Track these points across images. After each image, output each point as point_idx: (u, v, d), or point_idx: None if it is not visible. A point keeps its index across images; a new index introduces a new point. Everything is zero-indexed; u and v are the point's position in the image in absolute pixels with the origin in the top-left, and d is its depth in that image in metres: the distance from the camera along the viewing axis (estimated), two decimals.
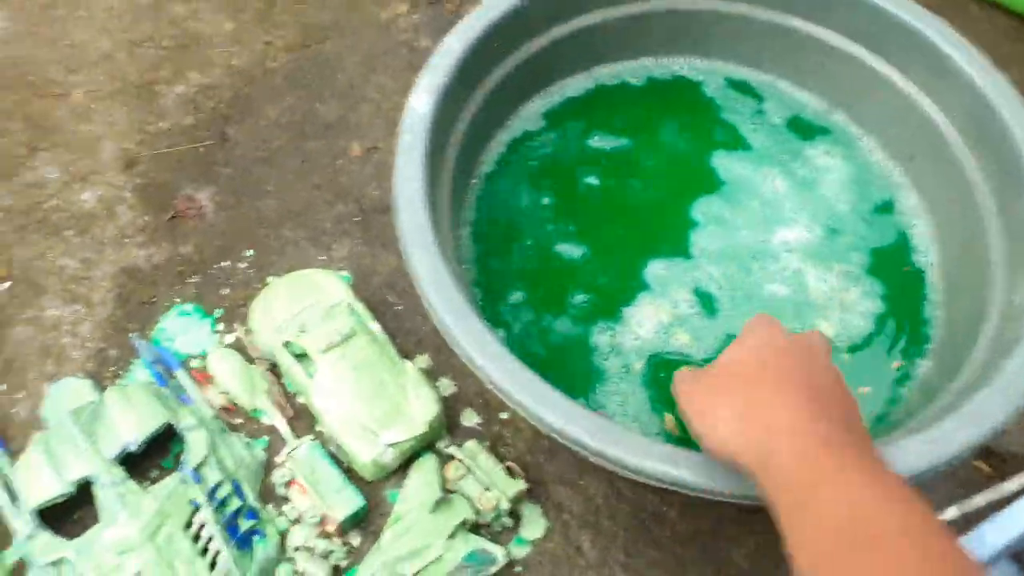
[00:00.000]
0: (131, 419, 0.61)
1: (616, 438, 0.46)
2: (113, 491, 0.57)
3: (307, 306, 0.67)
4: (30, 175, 0.79)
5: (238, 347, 0.70)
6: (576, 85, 0.72)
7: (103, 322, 0.71)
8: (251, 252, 0.75)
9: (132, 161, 0.80)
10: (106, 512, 0.57)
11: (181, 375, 0.67)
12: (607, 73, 0.73)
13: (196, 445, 0.61)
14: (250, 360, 0.69)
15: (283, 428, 0.66)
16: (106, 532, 0.56)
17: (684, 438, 0.56)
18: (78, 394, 0.63)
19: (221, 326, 0.71)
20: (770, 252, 0.65)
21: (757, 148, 0.69)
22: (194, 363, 0.69)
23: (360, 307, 0.67)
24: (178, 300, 0.72)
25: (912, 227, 0.66)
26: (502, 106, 0.68)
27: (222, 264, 0.74)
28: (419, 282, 0.52)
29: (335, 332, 0.64)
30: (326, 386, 0.63)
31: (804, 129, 0.70)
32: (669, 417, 0.58)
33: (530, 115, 0.71)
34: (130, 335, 0.70)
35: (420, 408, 0.63)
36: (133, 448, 0.60)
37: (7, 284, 0.73)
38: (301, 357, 0.65)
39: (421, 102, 0.59)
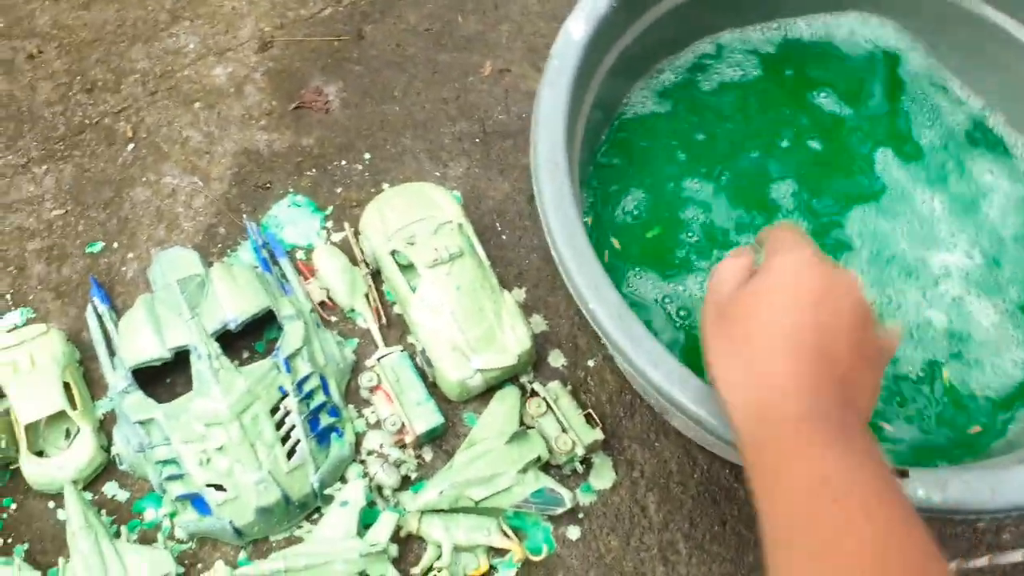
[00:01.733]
0: (234, 298, 0.62)
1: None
2: (209, 364, 0.59)
3: (419, 219, 0.66)
4: (169, 42, 0.80)
5: (344, 247, 0.70)
6: (747, 37, 0.69)
7: (217, 199, 0.72)
8: (369, 156, 0.75)
9: (267, 44, 0.80)
10: (200, 383, 0.59)
11: (285, 264, 0.68)
12: (781, 28, 0.70)
13: (292, 335, 0.62)
14: (354, 262, 0.69)
15: (375, 332, 0.67)
16: (197, 402, 0.58)
17: None
18: (186, 264, 0.64)
19: (330, 223, 0.72)
20: (928, 273, 0.61)
21: (925, 151, 0.65)
22: (299, 255, 0.70)
23: (470, 229, 0.67)
24: (292, 190, 0.73)
25: None
26: (655, 48, 0.66)
27: (340, 162, 0.75)
28: (543, 205, 0.50)
29: (444, 249, 0.64)
30: (427, 300, 0.63)
31: (979, 140, 0.66)
32: None
33: (680, 65, 0.68)
34: (243, 216, 0.71)
35: (513, 340, 0.63)
36: (232, 326, 0.62)
37: (132, 145, 0.75)
38: (406, 268, 0.65)
39: (578, 29, 0.57)
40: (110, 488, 0.61)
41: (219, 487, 0.57)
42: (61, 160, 0.74)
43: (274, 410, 0.59)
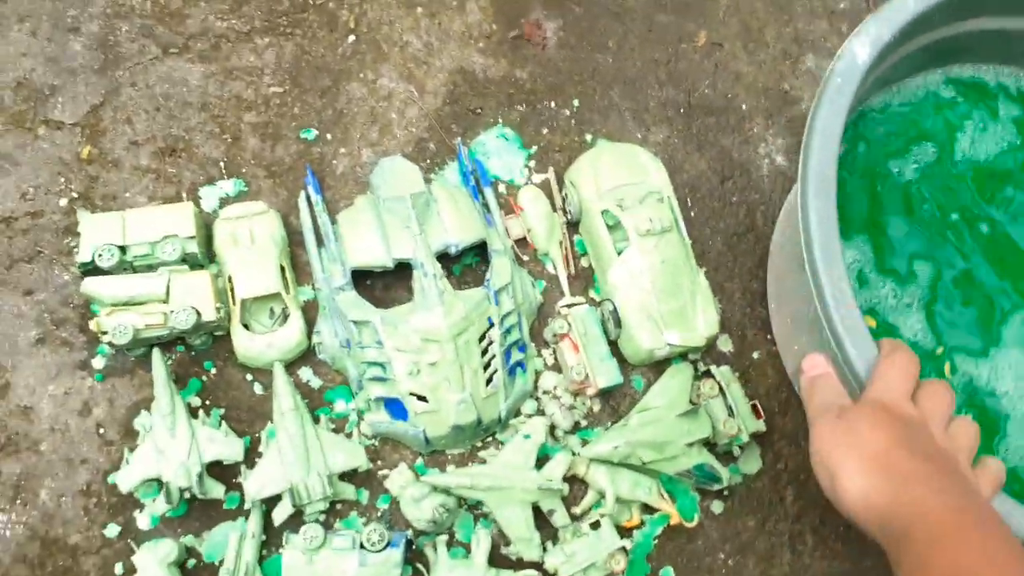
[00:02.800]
0: (458, 223, 0.65)
1: None
2: (434, 283, 0.62)
3: (629, 183, 0.68)
4: None
5: (544, 189, 0.72)
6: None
7: (430, 113, 0.74)
8: (577, 103, 0.76)
9: None
10: (424, 299, 0.62)
11: (490, 195, 0.70)
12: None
13: (502, 270, 0.65)
14: (554, 207, 0.71)
15: (564, 281, 0.70)
16: (419, 316, 0.61)
17: None
18: (411, 178, 0.66)
19: (533, 163, 0.73)
20: None
21: None
22: (500, 188, 0.72)
23: (675, 203, 0.69)
24: (501, 121, 0.74)
25: None
26: (900, 72, 0.68)
27: (549, 103, 0.76)
28: (811, 244, 0.53)
29: (656, 220, 0.66)
30: (630, 265, 0.66)
31: None
32: None
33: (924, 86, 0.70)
34: (456, 138, 0.73)
35: (704, 321, 0.66)
36: (453, 251, 0.64)
37: (352, 37, 0.75)
38: (611, 228, 0.67)
39: (864, 52, 0.58)
40: (304, 373, 0.65)
41: (422, 398, 0.61)
42: (283, 36, 0.74)
43: (481, 338, 0.62)
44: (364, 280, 0.67)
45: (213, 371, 0.64)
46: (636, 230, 0.66)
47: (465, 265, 0.69)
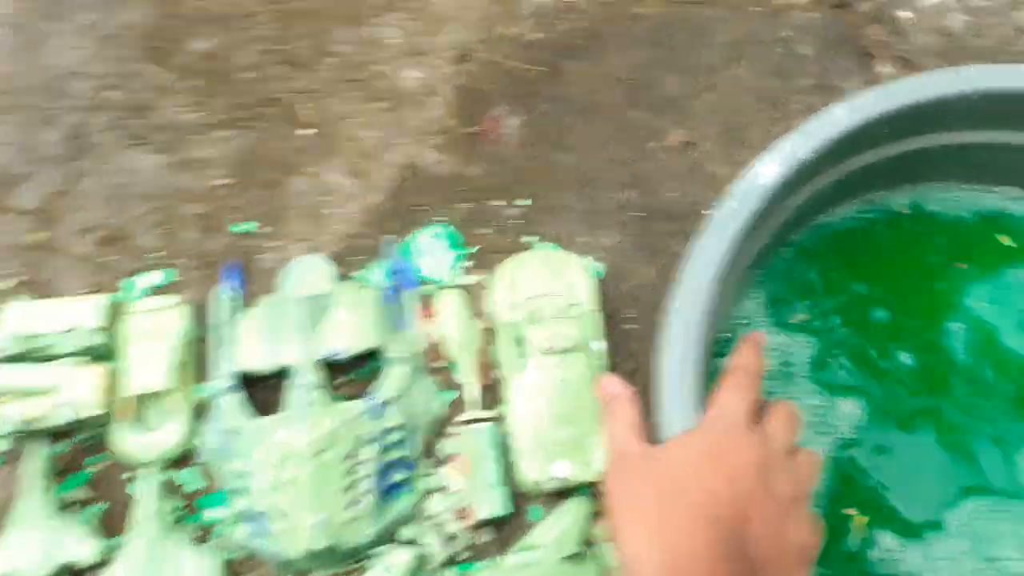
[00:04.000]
0: (351, 329, 0.63)
1: None
2: (305, 395, 0.60)
3: (549, 293, 0.64)
4: (376, 31, 0.80)
5: (473, 292, 0.69)
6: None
7: (370, 208, 0.72)
8: (528, 201, 0.73)
9: (465, 56, 0.79)
10: (290, 410, 0.60)
11: (410, 297, 0.68)
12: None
13: (393, 381, 0.62)
14: (478, 312, 0.68)
15: (473, 394, 0.65)
16: (282, 431, 0.59)
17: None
18: (319, 278, 0.65)
19: (468, 263, 0.70)
20: None
21: None
22: (429, 288, 0.69)
23: (595, 317, 0.63)
24: (442, 219, 0.72)
25: None
26: (842, 195, 0.59)
27: (497, 202, 0.73)
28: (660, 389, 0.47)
29: (563, 338, 0.62)
30: (528, 387, 0.61)
31: None
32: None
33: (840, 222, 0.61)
34: (386, 236, 0.71)
35: (601, 455, 0.60)
36: (340, 358, 0.62)
37: (309, 131, 0.76)
38: (519, 342, 0.63)
39: (769, 171, 0.51)
40: (185, 474, 0.64)
41: (281, 515, 0.58)
42: (241, 129, 0.76)
43: (352, 455, 0.60)
44: (270, 378, 0.66)
45: (102, 464, 0.65)
46: (538, 348, 0.62)
47: (374, 369, 0.67)
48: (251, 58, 0.79)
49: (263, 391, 0.65)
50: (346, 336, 0.62)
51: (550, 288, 0.64)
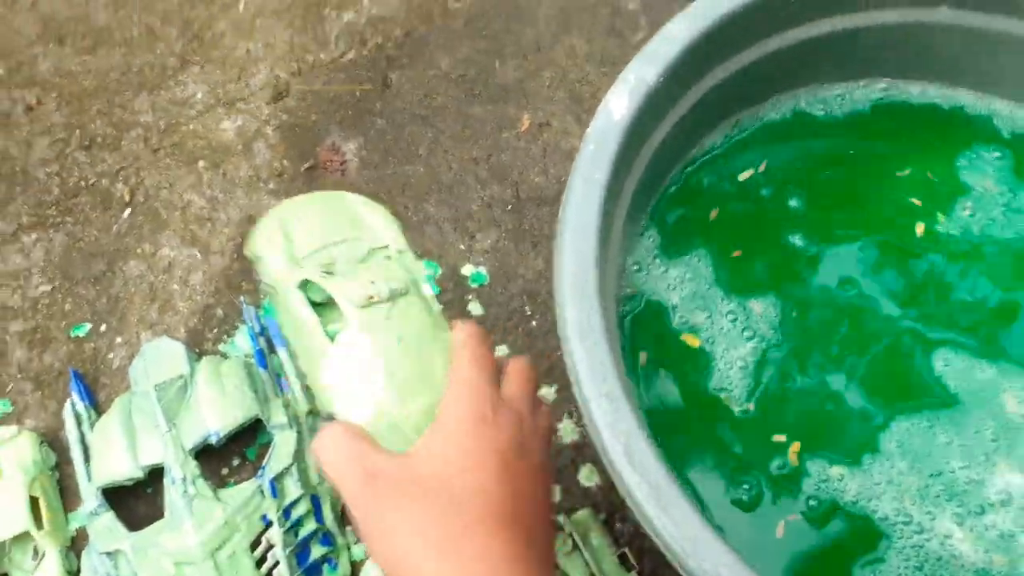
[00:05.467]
0: (219, 406, 0.54)
1: None
2: (182, 492, 0.51)
3: (340, 240, 0.53)
4: (176, 91, 0.73)
5: None
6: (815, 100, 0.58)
7: (216, 274, 0.65)
8: None
9: (282, 93, 0.72)
10: (171, 513, 0.51)
11: (283, 355, 0.60)
12: (870, 90, 0.58)
13: (282, 450, 0.54)
14: None
15: None
16: (167, 536, 0.50)
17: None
18: (170, 361, 0.57)
19: None
20: (978, 497, 0.47)
21: None
22: None
23: (410, 258, 0.53)
24: None
25: None
26: (710, 118, 0.56)
27: None
28: (570, 353, 0.41)
29: (383, 282, 0.50)
30: (354, 354, 0.49)
31: None
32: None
33: (729, 138, 0.58)
34: (241, 298, 0.63)
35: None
36: (214, 440, 0.54)
37: (129, 211, 0.68)
38: (320, 308, 0.50)
39: (620, 105, 0.47)
40: None
41: None
42: (52, 228, 0.67)
43: (256, 543, 0.51)
44: (144, 487, 0.57)
45: None
46: (352, 300, 0.49)
47: (263, 444, 0.58)
48: (45, 151, 0.70)
49: (144, 502, 0.56)
50: (215, 416, 0.54)
51: (338, 234, 0.53)
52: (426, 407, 0.47)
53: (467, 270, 0.64)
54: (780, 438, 0.48)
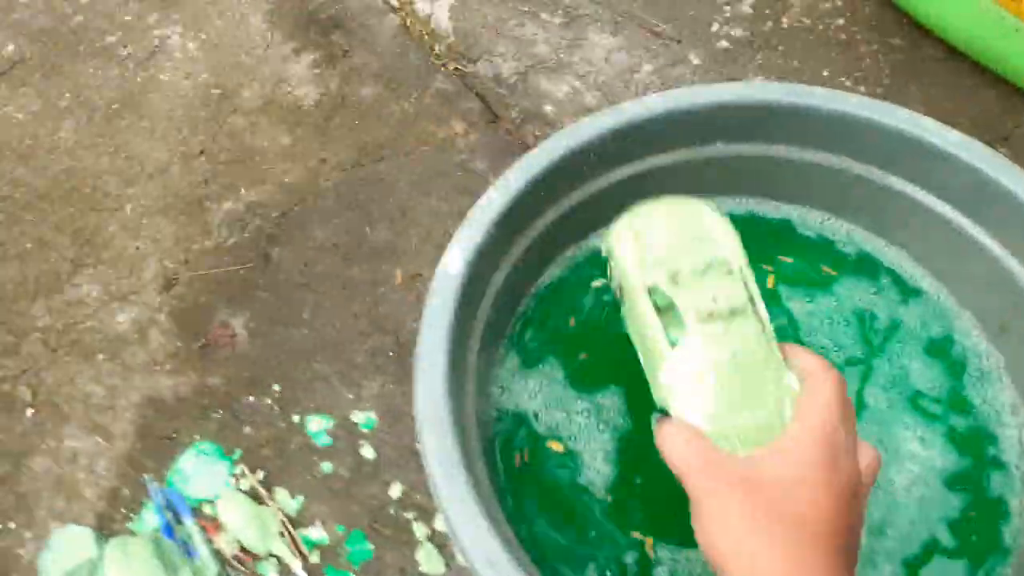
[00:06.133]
0: None
1: None
2: None
3: (686, 250, 0.52)
4: (72, 293, 0.78)
5: (253, 493, 0.66)
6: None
7: (120, 457, 0.68)
8: (278, 387, 0.72)
9: (171, 281, 0.78)
10: None
11: (190, 524, 0.63)
12: None
13: None
14: (260, 501, 0.64)
15: (300, 573, 0.62)
16: None
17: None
18: (78, 546, 0.60)
19: (239, 468, 0.67)
20: None
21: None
22: (208, 508, 0.66)
23: (749, 276, 0.51)
24: (198, 437, 0.69)
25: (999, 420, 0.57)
26: (547, 254, 0.64)
27: (247, 399, 0.71)
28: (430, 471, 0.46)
29: (725, 298, 0.49)
30: (690, 363, 0.49)
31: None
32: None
33: (572, 263, 0.66)
34: (144, 476, 0.67)
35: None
36: None
37: (31, 411, 0.71)
38: (663, 311, 0.51)
39: (455, 262, 0.54)
40: None
41: None
42: None
43: None
44: None
45: None
46: (695, 313, 0.49)
47: None
48: None
49: None
50: None
51: (684, 243, 0.52)
52: (753, 422, 0.47)
53: (357, 417, 0.69)
54: (637, 535, 0.54)
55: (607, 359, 0.61)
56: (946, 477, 0.55)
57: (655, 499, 0.56)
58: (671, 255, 0.50)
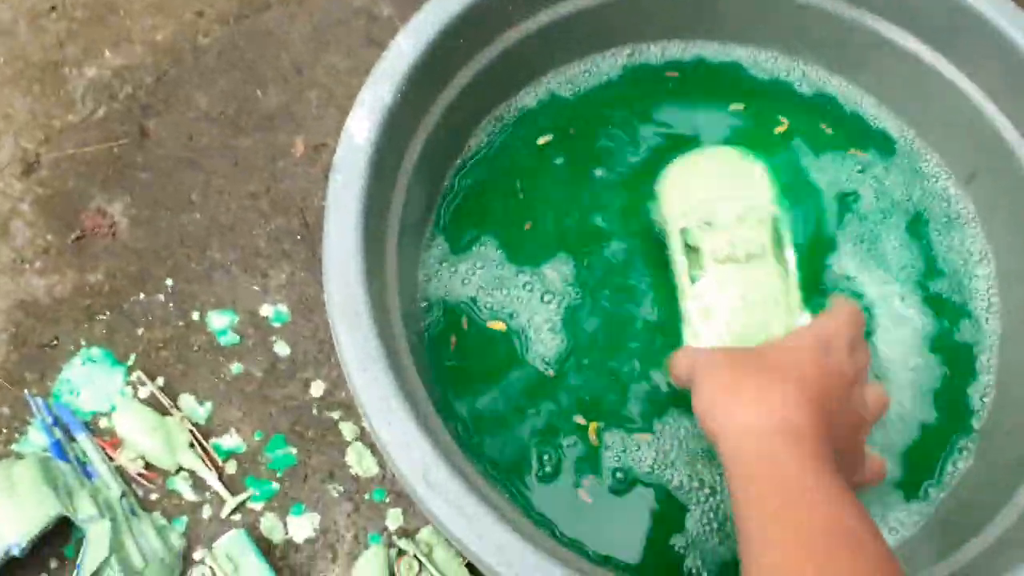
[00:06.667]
0: (14, 514, 0.50)
1: None
2: None
3: (725, 196, 0.55)
4: None
5: (154, 402, 0.59)
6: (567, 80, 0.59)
7: None
8: (171, 281, 0.63)
9: (32, 165, 0.68)
10: None
11: (84, 441, 0.56)
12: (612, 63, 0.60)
13: (95, 545, 0.50)
14: (164, 412, 0.58)
15: (216, 485, 0.56)
16: None
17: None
18: None
19: (135, 375, 0.60)
20: None
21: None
22: (103, 422, 0.58)
23: (784, 225, 0.55)
24: (84, 342, 0.61)
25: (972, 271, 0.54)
26: (467, 119, 0.56)
27: (137, 296, 0.63)
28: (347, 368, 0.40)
29: (741, 244, 0.52)
30: (703, 299, 0.52)
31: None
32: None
33: (498, 125, 0.58)
34: (25, 390, 0.59)
35: None
36: (16, 552, 0.50)
37: None
38: (691, 251, 0.54)
39: (361, 129, 0.46)
40: None
41: None
42: None
43: None
44: None
45: None
46: (713, 255, 0.52)
47: (79, 539, 0.54)
48: None
49: None
50: (11, 527, 0.50)
51: (726, 190, 0.55)
52: None
53: (265, 311, 0.62)
54: (580, 420, 0.50)
55: (555, 226, 0.55)
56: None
57: (602, 378, 0.51)
58: (709, 201, 0.53)
